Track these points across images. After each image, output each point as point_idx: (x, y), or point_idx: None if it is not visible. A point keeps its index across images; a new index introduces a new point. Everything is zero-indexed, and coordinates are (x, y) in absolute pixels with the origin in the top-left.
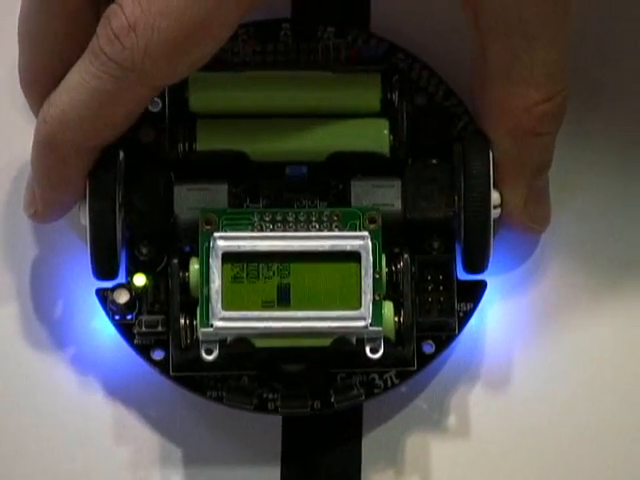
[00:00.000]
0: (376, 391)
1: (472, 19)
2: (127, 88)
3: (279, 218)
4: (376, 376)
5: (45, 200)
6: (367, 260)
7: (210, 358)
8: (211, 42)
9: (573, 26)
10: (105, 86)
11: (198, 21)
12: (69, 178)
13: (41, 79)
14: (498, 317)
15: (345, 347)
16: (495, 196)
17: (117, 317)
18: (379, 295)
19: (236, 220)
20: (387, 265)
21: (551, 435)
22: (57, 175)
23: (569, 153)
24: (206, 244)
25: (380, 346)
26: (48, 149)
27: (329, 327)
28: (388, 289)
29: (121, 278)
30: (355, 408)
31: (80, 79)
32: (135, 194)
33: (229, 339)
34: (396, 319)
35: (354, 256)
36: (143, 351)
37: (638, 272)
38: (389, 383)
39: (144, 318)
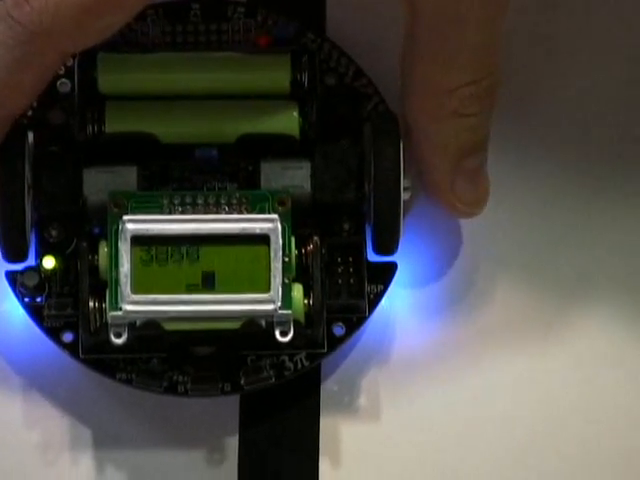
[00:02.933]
0: (286, 373)
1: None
2: (35, 53)
3: (188, 201)
4: (286, 358)
5: None
6: (276, 243)
7: (119, 341)
8: (122, 9)
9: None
10: (12, 52)
11: None
12: None
13: None
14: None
15: (255, 330)
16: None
17: (27, 299)
18: (288, 278)
19: (145, 203)
20: (297, 247)
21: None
22: None
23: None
24: (115, 227)
25: (290, 329)
26: None
27: (238, 310)
28: (298, 272)
29: (31, 260)
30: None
31: None
32: (44, 176)
33: (138, 322)
34: (306, 301)
35: (263, 239)
36: (53, 333)
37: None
38: (299, 365)
39: (54, 300)
